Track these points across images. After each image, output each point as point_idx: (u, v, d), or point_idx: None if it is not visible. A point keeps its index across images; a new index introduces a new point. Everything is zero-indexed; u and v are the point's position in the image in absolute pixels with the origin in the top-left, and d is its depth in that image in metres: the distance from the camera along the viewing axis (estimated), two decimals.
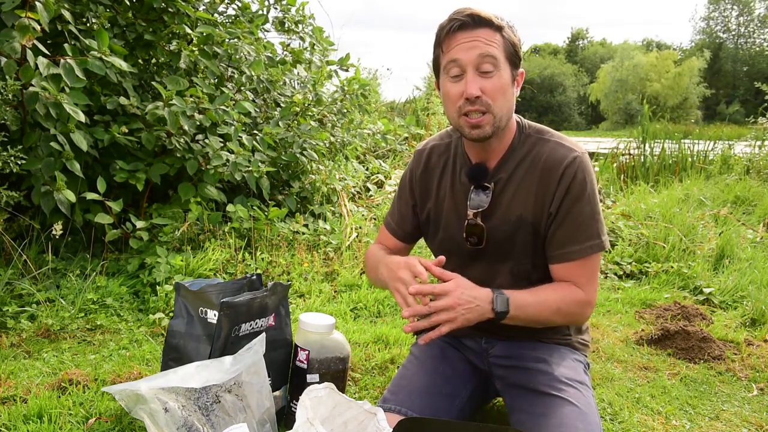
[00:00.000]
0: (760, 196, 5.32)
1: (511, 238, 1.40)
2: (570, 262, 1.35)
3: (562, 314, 1.36)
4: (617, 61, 47.78)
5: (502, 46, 1.27)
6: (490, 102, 1.28)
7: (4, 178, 2.52)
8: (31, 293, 2.36)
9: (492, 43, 1.26)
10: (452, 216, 1.46)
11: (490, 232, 1.40)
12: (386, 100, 8.28)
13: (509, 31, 1.30)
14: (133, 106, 2.82)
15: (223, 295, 1.51)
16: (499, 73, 1.27)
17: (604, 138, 12.56)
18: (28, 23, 2.27)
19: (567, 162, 1.33)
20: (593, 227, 1.35)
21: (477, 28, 1.26)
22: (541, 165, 1.36)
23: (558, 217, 1.35)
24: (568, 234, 1.34)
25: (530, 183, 1.36)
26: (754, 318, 2.65)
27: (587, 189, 1.34)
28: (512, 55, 1.29)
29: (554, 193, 1.34)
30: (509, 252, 1.41)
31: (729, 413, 1.83)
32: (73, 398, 1.65)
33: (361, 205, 4.11)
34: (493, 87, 1.27)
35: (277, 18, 3.81)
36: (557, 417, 1.28)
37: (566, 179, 1.33)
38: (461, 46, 1.27)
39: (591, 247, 1.34)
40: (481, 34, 1.26)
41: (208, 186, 2.99)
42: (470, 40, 1.26)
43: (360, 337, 2.25)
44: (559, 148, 1.36)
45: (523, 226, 1.38)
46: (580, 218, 1.34)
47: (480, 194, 1.39)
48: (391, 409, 1.34)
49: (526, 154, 1.38)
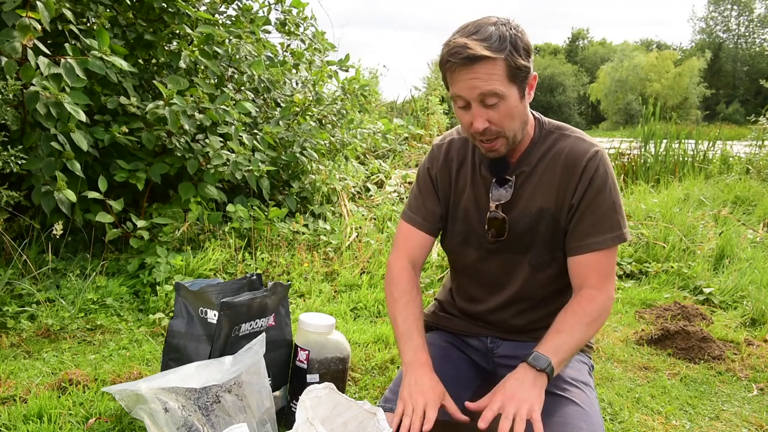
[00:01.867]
0: (760, 196, 5.32)
1: (531, 230, 1.41)
2: (590, 253, 1.36)
3: (594, 327, 1.36)
4: (617, 61, 47.81)
5: (504, 73, 1.24)
6: (499, 129, 1.29)
7: (5, 178, 2.52)
8: (31, 293, 2.36)
9: (492, 77, 1.23)
10: (472, 209, 1.46)
11: (512, 224, 1.41)
12: (386, 100, 8.29)
13: (512, 53, 1.24)
14: (133, 106, 2.81)
15: (223, 295, 1.51)
16: (504, 101, 1.26)
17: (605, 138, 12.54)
18: (28, 23, 2.27)
19: (589, 155, 1.36)
20: (614, 219, 1.36)
21: (474, 65, 1.23)
22: (563, 158, 1.38)
23: (580, 209, 1.36)
24: (590, 225, 1.36)
25: (552, 176, 1.38)
26: (754, 318, 2.65)
27: (609, 181, 1.36)
28: (518, 75, 1.26)
29: (576, 185, 1.36)
30: (529, 244, 1.43)
31: (729, 413, 1.83)
32: (73, 398, 1.65)
33: (361, 205, 4.11)
34: (499, 116, 1.27)
35: (279, 19, 3.80)
36: (561, 416, 1.29)
37: (588, 172, 1.35)
38: (462, 84, 1.26)
39: (612, 239, 1.36)
40: (480, 71, 1.23)
41: (208, 186, 2.99)
42: (469, 78, 1.24)
43: (360, 337, 2.25)
44: (580, 142, 1.39)
45: (544, 218, 1.40)
46: (602, 210, 1.36)
47: (501, 188, 1.41)
48: (391, 409, 1.34)
49: (548, 148, 1.40)
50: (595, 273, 1.37)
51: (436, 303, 1.70)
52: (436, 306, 1.69)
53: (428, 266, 3.16)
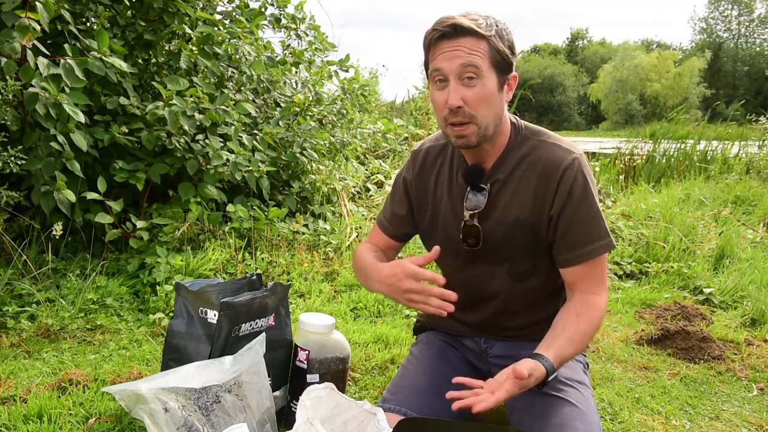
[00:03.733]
0: (760, 196, 5.32)
1: (508, 240, 1.39)
2: (582, 264, 1.35)
3: (593, 333, 1.36)
4: (617, 61, 47.79)
5: (486, 54, 1.24)
6: (473, 112, 1.27)
7: (4, 178, 2.52)
8: (31, 293, 2.36)
9: (475, 53, 1.23)
10: (449, 217, 1.45)
11: (487, 233, 1.39)
12: (386, 100, 8.28)
13: (497, 38, 1.25)
14: (133, 106, 2.81)
15: (223, 295, 1.51)
16: (482, 81, 1.25)
17: (605, 138, 12.56)
18: (28, 23, 2.27)
19: (566, 164, 1.33)
20: (601, 227, 1.35)
21: (459, 38, 1.23)
22: (540, 167, 1.35)
23: (562, 220, 1.34)
24: (578, 237, 1.34)
25: (528, 184, 1.36)
26: (754, 318, 2.65)
27: (589, 190, 1.34)
28: (499, 62, 1.26)
29: (554, 196, 1.33)
30: (507, 253, 1.41)
31: (729, 413, 1.83)
32: (73, 398, 1.65)
33: (361, 205, 4.11)
34: (475, 96, 1.25)
35: (273, 15, 3.80)
36: (557, 417, 1.29)
37: (566, 181, 1.32)
38: (444, 56, 1.25)
39: (602, 247, 1.34)
40: (464, 44, 1.23)
41: (208, 186, 2.99)
42: (452, 49, 1.24)
43: (360, 337, 2.25)
44: (556, 149, 1.36)
45: (521, 228, 1.37)
46: (587, 220, 1.34)
47: (476, 195, 1.39)
48: (391, 409, 1.34)
49: (524, 155, 1.37)
50: (590, 280, 1.36)
51: None
52: None
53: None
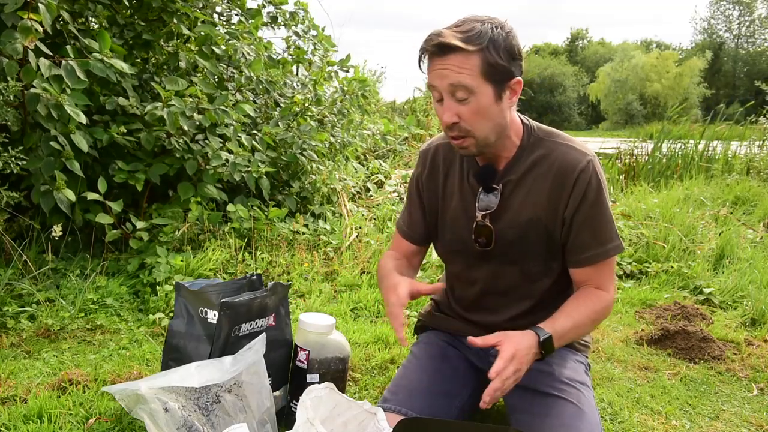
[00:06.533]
0: (760, 196, 5.31)
1: (521, 240, 1.39)
2: (593, 265, 1.37)
3: (596, 323, 1.39)
4: (617, 61, 47.75)
5: (477, 69, 1.21)
6: (468, 127, 1.27)
7: (4, 178, 2.52)
8: (31, 293, 2.36)
9: (463, 70, 1.21)
10: (460, 217, 1.45)
11: (499, 233, 1.39)
12: (386, 101, 8.28)
13: (489, 49, 1.21)
14: (132, 107, 2.81)
15: (223, 295, 1.51)
16: (475, 98, 1.23)
17: (605, 138, 12.55)
18: (30, 25, 2.27)
19: (581, 166, 1.33)
20: (612, 230, 1.37)
21: (447, 55, 1.22)
22: (555, 168, 1.35)
23: (576, 222, 1.35)
24: (590, 238, 1.35)
25: (542, 186, 1.36)
26: (754, 318, 2.65)
27: (603, 193, 1.35)
28: (494, 73, 1.23)
29: (569, 198, 1.34)
30: (519, 254, 1.41)
31: (729, 413, 1.83)
32: (73, 398, 1.65)
33: (361, 205, 4.11)
34: (469, 112, 1.25)
35: (270, 13, 3.80)
36: (558, 417, 1.29)
37: (581, 184, 1.33)
38: (435, 73, 1.25)
39: (612, 250, 1.36)
40: (452, 62, 1.21)
41: (208, 185, 2.99)
42: (441, 68, 1.23)
43: (360, 337, 2.25)
44: (571, 151, 1.35)
45: (534, 229, 1.38)
46: (599, 223, 1.35)
47: (488, 196, 1.39)
48: (391, 409, 1.34)
49: (538, 157, 1.37)
50: (598, 280, 1.38)
51: (432, 303, 1.70)
52: (432, 306, 1.69)
53: (428, 266, 3.16)
